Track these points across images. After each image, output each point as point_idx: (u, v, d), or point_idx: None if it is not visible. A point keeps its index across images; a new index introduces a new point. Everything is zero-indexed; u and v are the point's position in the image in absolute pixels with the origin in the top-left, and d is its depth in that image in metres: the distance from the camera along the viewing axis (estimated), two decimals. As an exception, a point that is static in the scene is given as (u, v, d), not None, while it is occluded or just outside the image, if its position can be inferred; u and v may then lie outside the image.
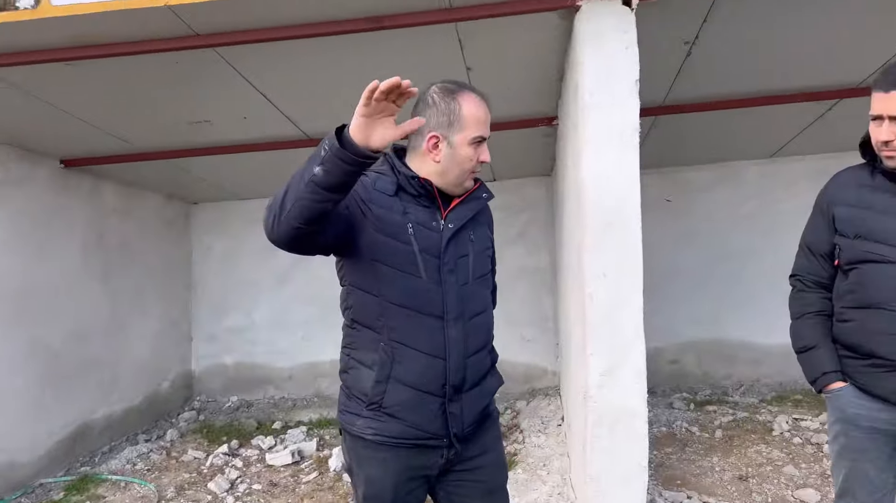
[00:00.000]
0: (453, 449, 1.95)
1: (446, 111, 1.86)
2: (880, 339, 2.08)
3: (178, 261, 7.10)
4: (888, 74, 2.03)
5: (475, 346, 1.97)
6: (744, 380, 6.63)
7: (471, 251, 1.98)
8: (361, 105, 1.52)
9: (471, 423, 1.98)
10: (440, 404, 1.90)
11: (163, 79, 3.83)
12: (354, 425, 1.92)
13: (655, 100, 4.58)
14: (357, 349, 1.94)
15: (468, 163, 1.89)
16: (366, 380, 1.89)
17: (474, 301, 1.98)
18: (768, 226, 6.50)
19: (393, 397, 1.86)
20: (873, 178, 2.17)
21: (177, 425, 6.43)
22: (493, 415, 2.12)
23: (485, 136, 1.90)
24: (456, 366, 1.90)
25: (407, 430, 1.88)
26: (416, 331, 1.86)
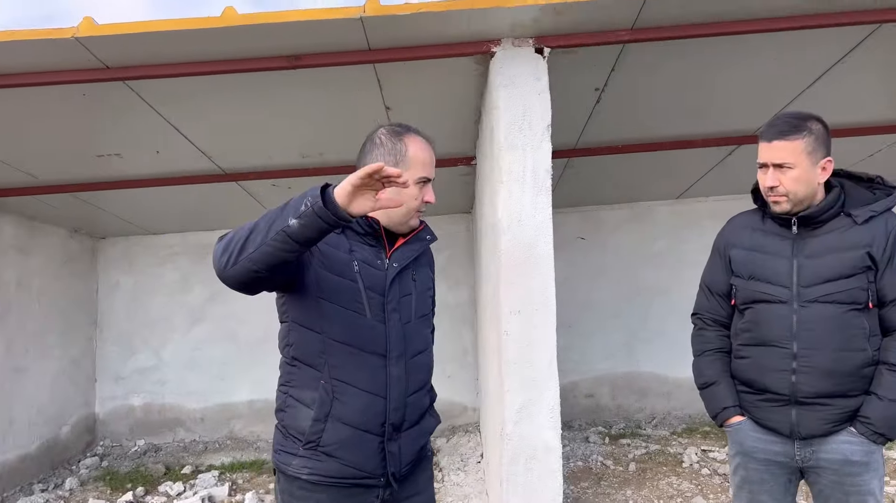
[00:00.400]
0: (388, 489, 1.94)
1: (392, 151, 1.91)
2: (773, 375, 2.20)
3: (82, 297, 6.76)
4: (772, 126, 2.19)
5: (416, 385, 1.99)
6: (656, 413, 6.83)
7: (413, 291, 2.01)
8: (357, 178, 1.53)
9: (408, 463, 1.98)
10: (379, 443, 1.89)
11: (70, 110, 3.70)
12: (290, 465, 1.88)
13: (569, 142, 4.75)
14: (295, 387, 1.91)
15: (413, 202, 1.93)
16: (303, 419, 1.86)
17: (416, 340, 2.00)
18: (676, 263, 6.79)
19: (331, 436, 1.84)
20: (764, 223, 2.32)
21: (77, 473, 6.06)
22: (428, 456, 2.14)
23: (429, 176, 1.96)
24: (396, 404, 1.91)
25: (344, 469, 1.86)
26: (358, 369, 1.86)
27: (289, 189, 5.46)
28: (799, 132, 2.12)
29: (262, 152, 4.62)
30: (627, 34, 3.13)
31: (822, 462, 2.18)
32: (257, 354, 6.98)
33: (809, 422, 2.16)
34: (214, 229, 6.98)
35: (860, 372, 2.13)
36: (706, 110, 4.37)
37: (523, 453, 3.08)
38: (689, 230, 6.77)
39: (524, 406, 3.09)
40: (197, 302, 7.05)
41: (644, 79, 3.80)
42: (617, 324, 6.93)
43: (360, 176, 1.52)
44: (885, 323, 2.15)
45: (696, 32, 3.14)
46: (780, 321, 2.18)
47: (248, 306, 7.01)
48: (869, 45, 3.52)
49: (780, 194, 2.17)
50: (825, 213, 2.18)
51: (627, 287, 6.94)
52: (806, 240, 2.20)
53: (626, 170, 5.74)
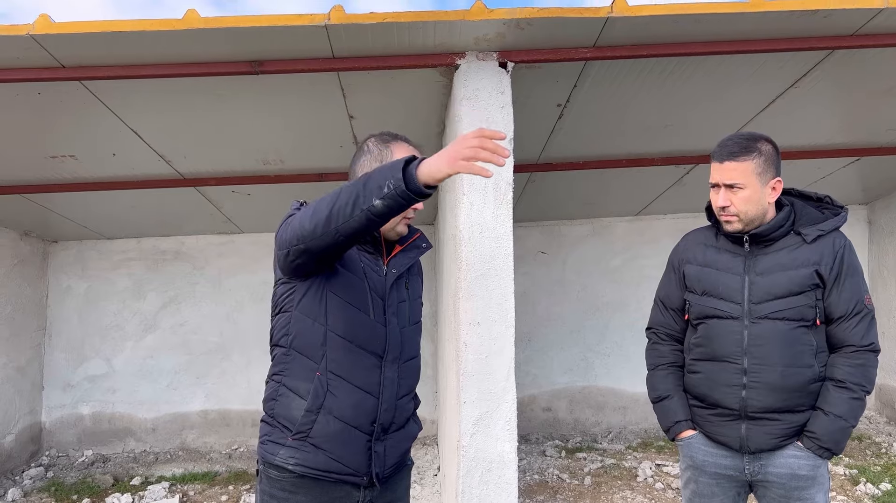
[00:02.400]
0: (369, 493, 1.96)
1: (379, 157, 1.96)
2: (724, 390, 2.24)
3: (31, 302, 6.55)
4: (723, 147, 2.25)
5: (406, 389, 2.04)
6: (612, 428, 6.89)
7: (407, 298, 2.07)
8: (464, 158, 1.48)
9: (392, 465, 2.01)
10: (367, 441, 1.92)
11: (23, 109, 3.61)
12: (277, 455, 1.89)
13: (531, 157, 4.80)
14: (289, 376, 1.92)
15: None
16: (296, 409, 1.88)
17: (410, 345, 2.05)
18: (634, 279, 6.89)
19: (322, 428, 1.87)
20: (717, 239, 2.37)
21: (20, 483, 5.84)
22: (409, 464, 2.17)
23: None
24: (387, 405, 1.95)
25: (330, 463, 1.88)
26: (354, 366, 1.90)
27: (248, 195, 5.40)
28: (749, 153, 2.18)
29: (222, 158, 4.56)
30: (590, 51, 3.18)
31: (770, 476, 2.22)
32: (211, 364, 6.86)
33: (758, 436, 2.20)
34: (171, 235, 6.85)
35: (807, 388, 2.18)
36: (664, 130, 4.46)
37: (479, 465, 3.07)
38: (648, 246, 6.88)
39: (481, 418, 3.09)
40: (150, 309, 6.90)
41: (605, 96, 3.87)
42: (575, 339, 6.99)
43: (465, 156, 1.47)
44: (832, 340, 2.21)
45: (654, 52, 3.21)
46: (732, 337, 2.23)
47: (202, 315, 6.91)
48: (821, 70, 3.64)
49: (731, 214, 2.22)
50: (775, 231, 2.23)
51: (586, 302, 7.01)
52: (757, 257, 2.25)
53: (586, 186, 5.82)
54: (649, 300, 2.63)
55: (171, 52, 3.05)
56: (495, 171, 3.12)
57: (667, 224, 6.86)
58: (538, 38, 3.08)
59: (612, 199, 6.34)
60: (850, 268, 2.20)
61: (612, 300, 6.97)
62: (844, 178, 5.74)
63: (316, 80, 3.42)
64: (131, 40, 2.91)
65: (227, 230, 6.77)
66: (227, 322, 6.88)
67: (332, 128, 4.09)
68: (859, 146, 4.97)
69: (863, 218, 6.86)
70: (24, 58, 3.01)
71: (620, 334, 6.90)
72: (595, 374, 6.97)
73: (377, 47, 3.11)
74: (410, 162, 1.55)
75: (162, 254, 6.93)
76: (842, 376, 2.15)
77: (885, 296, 6.50)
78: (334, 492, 1.92)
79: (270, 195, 5.38)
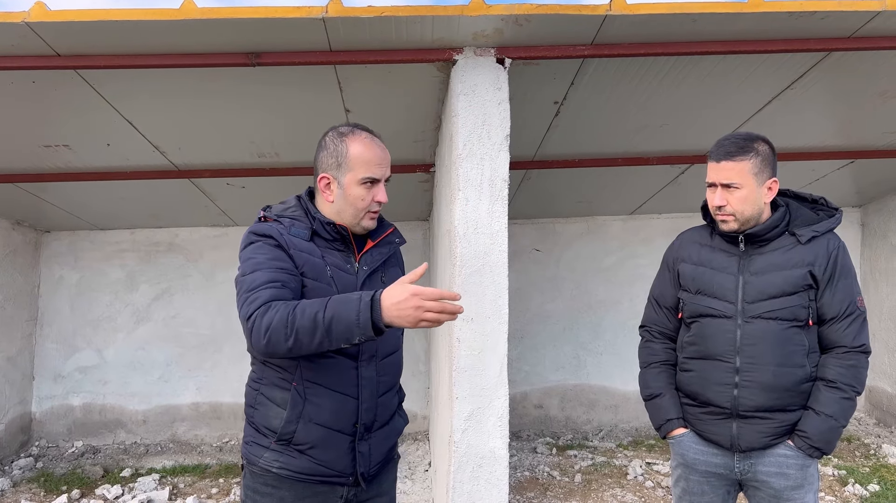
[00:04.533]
0: (353, 489, 1.97)
1: (334, 153, 1.94)
2: (716, 389, 2.25)
3: (23, 292, 6.51)
4: (720, 147, 2.26)
5: (386, 386, 2.03)
6: (603, 426, 6.91)
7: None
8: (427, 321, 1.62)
9: (377, 463, 2.01)
10: (350, 443, 1.92)
11: (17, 98, 3.58)
12: (261, 457, 1.90)
13: (527, 154, 4.79)
14: (266, 385, 1.92)
15: (360, 202, 1.95)
16: (275, 418, 1.88)
17: (387, 341, 2.02)
18: (627, 278, 6.90)
19: (304, 435, 1.87)
20: (712, 239, 2.38)
21: (9, 474, 5.82)
22: (395, 458, 2.17)
23: (375, 176, 1.96)
24: (368, 405, 1.94)
25: (315, 467, 1.88)
26: (330, 371, 1.89)
27: (242, 188, 5.38)
28: (746, 153, 2.19)
29: (217, 150, 4.54)
30: (588, 49, 3.17)
31: (760, 475, 2.23)
32: (203, 357, 6.83)
33: (749, 435, 2.21)
34: (164, 227, 6.83)
35: (799, 387, 2.19)
36: (661, 129, 4.46)
37: (470, 461, 3.07)
38: (642, 246, 6.89)
39: (473, 414, 3.09)
40: (142, 301, 6.87)
41: (602, 94, 3.87)
42: (568, 337, 7.00)
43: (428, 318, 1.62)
44: (824, 340, 2.23)
45: (652, 51, 3.21)
46: (725, 336, 2.24)
47: (195, 308, 6.89)
48: (818, 72, 3.65)
49: (727, 213, 2.23)
50: (770, 231, 2.24)
51: (580, 300, 7.02)
52: (752, 257, 2.26)
53: (582, 184, 5.83)
54: (643, 299, 2.64)
55: (168, 42, 3.03)
56: (491, 168, 3.14)
57: (661, 223, 6.87)
58: (536, 35, 3.08)
59: (608, 197, 6.35)
60: (844, 269, 2.21)
61: (605, 298, 6.99)
62: (839, 180, 5.76)
63: (313, 73, 3.41)
64: (127, 30, 2.90)
65: (221, 223, 6.75)
66: (219, 315, 6.86)
67: (328, 121, 4.02)
68: (854, 148, 4.99)
69: (856, 220, 6.88)
70: (18, 46, 2.98)
71: (613, 333, 6.91)
72: (587, 372, 6.99)
73: (375, 41, 3.09)
74: (371, 306, 1.62)
75: (155, 245, 6.90)
76: (833, 376, 2.17)
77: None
78: (318, 488, 1.92)
79: (265, 188, 5.36)
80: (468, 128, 3.13)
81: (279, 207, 2.01)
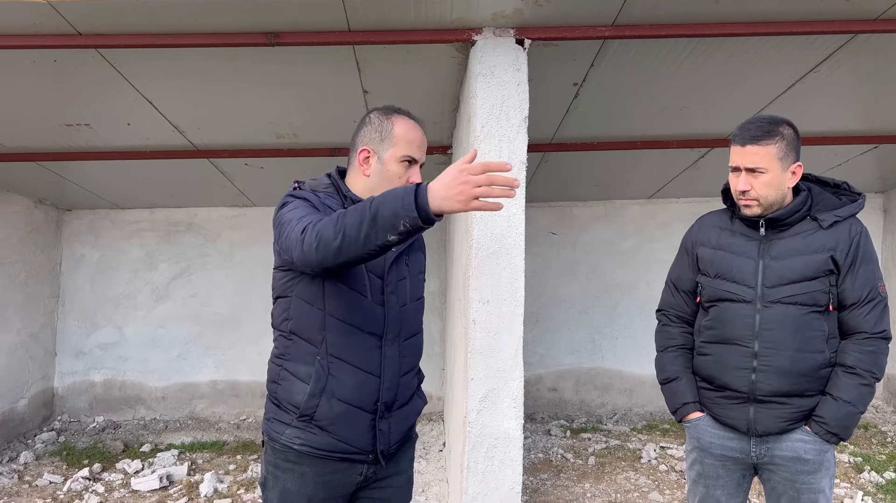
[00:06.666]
0: (373, 467, 2.00)
1: (379, 128, 1.97)
2: (733, 373, 2.25)
3: (45, 270, 6.61)
4: (745, 130, 2.22)
5: (407, 366, 2.05)
6: (617, 409, 6.92)
7: (408, 275, 2.06)
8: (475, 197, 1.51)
9: (396, 441, 2.04)
10: (371, 420, 1.94)
11: (40, 77, 3.61)
12: (283, 434, 1.92)
13: (545, 136, 4.77)
14: (291, 360, 1.95)
15: (396, 180, 1.96)
16: (298, 393, 1.90)
17: (410, 323, 2.06)
18: (644, 262, 6.86)
19: (326, 411, 1.89)
20: (732, 223, 2.36)
21: (33, 447, 5.94)
22: (413, 438, 2.19)
23: (415, 157, 1.98)
24: (390, 384, 1.96)
25: (336, 444, 1.91)
26: (354, 348, 1.91)
27: (261, 169, 5.40)
28: (771, 137, 2.16)
29: (236, 130, 4.56)
30: (608, 30, 3.15)
31: (777, 459, 2.23)
32: (221, 335, 6.91)
33: (766, 419, 2.20)
34: (183, 206, 6.88)
35: (817, 373, 2.18)
36: (681, 112, 4.42)
37: (485, 441, 3.09)
38: (660, 230, 6.84)
39: (487, 395, 3.11)
40: (161, 280, 6.95)
41: (622, 76, 3.83)
42: (583, 321, 7.00)
43: (467, 196, 1.50)
44: (844, 326, 2.21)
45: (674, 32, 3.17)
46: (743, 320, 2.22)
47: (213, 287, 6.95)
48: (843, 55, 3.59)
49: (750, 198, 2.20)
50: (792, 216, 2.22)
51: (596, 284, 7.01)
52: (772, 241, 2.24)
53: (600, 167, 5.79)
54: (659, 283, 2.63)
55: (189, 21, 3.04)
56: (509, 150, 3.13)
57: (679, 208, 6.82)
58: (556, 15, 3.05)
59: (626, 181, 6.31)
60: (866, 254, 2.19)
61: (621, 282, 6.96)
62: (861, 166, 5.68)
63: (332, 54, 3.41)
64: (149, 8, 2.90)
65: (239, 203, 6.79)
66: (237, 294, 6.93)
67: (346, 102, 4.08)
68: (878, 133, 4.91)
69: (878, 206, 6.79)
70: (40, 24, 3.01)
71: (629, 317, 6.89)
72: (602, 356, 6.99)
73: (394, 21, 3.08)
74: (417, 189, 1.56)
75: (174, 225, 6.96)
76: (852, 362, 2.15)
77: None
78: (339, 465, 1.95)
79: (283, 169, 5.39)
80: (486, 109, 3.12)
81: (311, 182, 2.02)
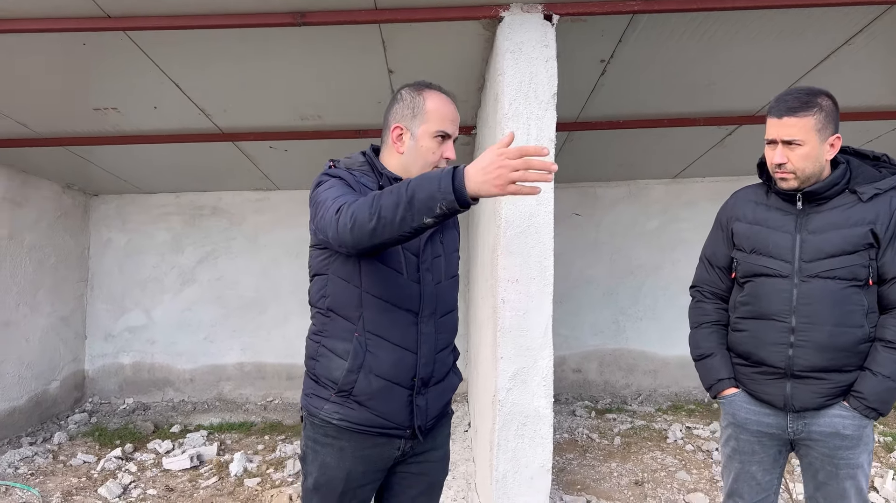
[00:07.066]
0: (410, 442, 2.02)
1: (411, 104, 1.97)
2: (770, 349, 2.23)
3: (73, 254, 6.71)
4: (782, 102, 2.18)
5: (443, 343, 2.07)
6: (642, 390, 6.90)
7: (442, 252, 2.07)
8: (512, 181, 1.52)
9: (433, 417, 2.07)
10: (408, 396, 1.97)
11: (69, 60, 3.64)
12: (322, 409, 1.95)
13: (570, 115, 4.72)
14: (329, 337, 1.97)
15: (430, 156, 1.96)
16: (336, 369, 1.93)
17: (445, 300, 2.07)
18: (669, 242, 6.81)
19: (364, 387, 1.91)
20: (768, 197, 2.32)
21: (66, 428, 6.07)
22: (449, 414, 2.22)
23: (448, 132, 1.97)
24: (426, 360, 1.99)
25: (374, 419, 1.94)
26: (391, 325, 1.93)
27: (285, 152, 5.42)
28: (809, 109, 2.12)
29: (261, 112, 4.57)
30: (637, 4, 3.10)
31: (814, 435, 2.21)
32: (247, 318, 6.98)
33: (803, 395, 2.19)
34: (208, 190, 6.94)
35: (856, 348, 2.15)
36: (709, 89, 4.35)
37: (515, 420, 3.10)
38: (685, 209, 6.79)
39: (517, 373, 3.11)
40: (188, 263, 7.03)
41: (650, 52, 3.77)
42: (607, 301, 6.97)
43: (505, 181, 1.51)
44: (884, 300, 2.18)
45: (706, 6, 3.12)
46: (780, 295, 2.20)
47: (238, 270, 7.01)
48: (876, 28, 3.51)
49: (787, 171, 2.17)
50: (830, 189, 2.19)
51: (620, 265, 6.97)
52: (810, 215, 2.21)
53: (625, 147, 5.73)
54: (684, 263, 2.61)
55: (217, 2, 3.04)
56: (537, 128, 3.10)
57: (705, 187, 6.75)
58: (585, -10, 3.01)
59: (650, 160, 6.24)
60: (907, 227, 2.15)
61: (645, 263, 6.92)
62: (893, 141, 5.57)
63: (357, 33, 3.40)
64: (176, -10, 2.92)
65: (263, 186, 6.83)
66: (262, 277, 6.99)
67: (371, 83, 4.07)
68: (911, 108, 4.81)
69: (910, 183, 6.66)
70: (70, 7, 3.02)
71: (653, 298, 6.86)
72: (626, 337, 6.97)
73: (421, -2, 3.06)
74: (454, 173, 1.55)
75: (199, 209, 7.03)
76: (892, 337, 2.13)
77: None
78: (377, 440, 1.98)
79: (307, 152, 5.40)
80: (514, 87, 3.09)
81: (346, 161, 2.03)
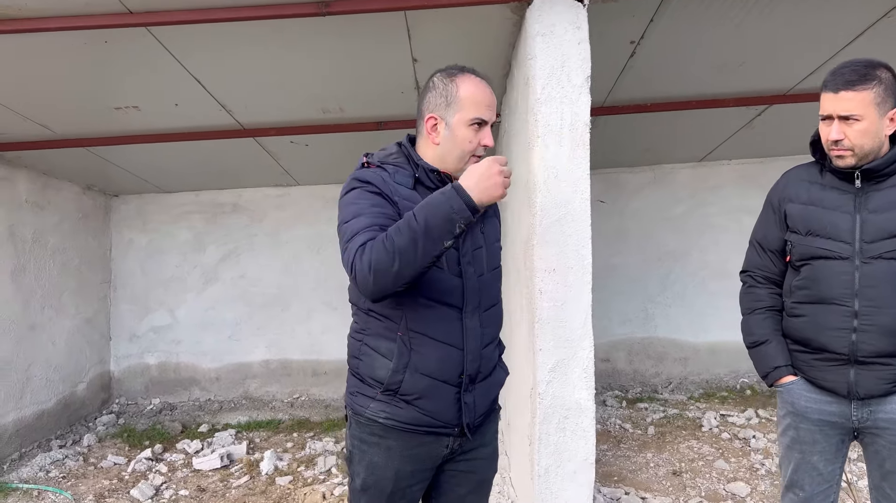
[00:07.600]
0: (459, 440, 1.96)
1: (444, 93, 1.88)
2: (831, 334, 2.13)
3: (96, 256, 6.70)
4: (838, 75, 2.07)
5: (489, 337, 2.00)
6: (672, 378, 6.80)
7: (483, 243, 2.00)
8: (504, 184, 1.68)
9: (482, 413, 2.00)
10: (455, 394, 1.90)
11: (90, 59, 3.59)
12: (367, 408, 1.90)
13: (597, 100, 4.62)
14: (371, 336, 1.91)
15: (467, 145, 1.88)
16: (381, 368, 1.87)
17: (489, 293, 2.00)
18: (697, 228, 6.68)
19: (410, 385, 1.86)
20: (822, 176, 2.22)
21: (94, 430, 6.07)
22: (496, 409, 2.15)
23: (484, 118, 1.89)
24: (473, 356, 1.92)
25: (421, 418, 1.88)
26: (435, 321, 1.87)
27: (306, 146, 5.36)
28: (868, 82, 2.02)
29: (282, 106, 4.50)
30: (673, -19, 3.00)
31: (881, 422, 2.12)
32: (270, 315, 6.95)
33: (868, 381, 2.09)
34: (228, 188, 6.90)
35: (924, 331, 2.05)
36: (740, 67, 4.23)
37: (556, 413, 3.02)
38: (711, 194, 6.65)
39: (557, 365, 3.03)
40: (210, 262, 7.00)
41: (681, 31, 3.67)
42: (635, 289, 6.86)
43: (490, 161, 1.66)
44: (951, 280, 2.07)
45: (744, -20, 3.01)
46: (840, 278, 2.10)
47: (261, 267, 6.98)
48: (919, -2, 3.38)
49: (844, 148, 2.07)
50: (890, 165, 2.09)
51: (647, 252, 6.85)
52: (869, 194, 2.11)
53: (650, 130, 5.62)
54: (713, 249, 2.51)
55: (238, -7, 2.98)
56: (571, 112, 3.01)
57: (732, 170, 6.61)
58: (618, -32, 2.91)
59: (676, 144, 6.12)
60: (975, 203, 2.05)
61: (673, 249, 6.79)
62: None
63: (382, 21, 3.32)
64: (198, -18, 2.85)
65: (283, 182, 6.78)
66: (285, 274, 6.95)
67: (394, 72, 3.99)
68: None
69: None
70: (92, 4, 2.97)
71: (682, 284, 6.74)
72: (655, 325, 6.86)
73: (448, -18, 2.98)
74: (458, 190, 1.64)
75: (220, 206, 6.99)
76: (962, 319, 2.02)
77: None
78: (425, 439, 1.91)
79: (328, 146, 5.34)
80: (547, 70, 3.00)
81: (381, 154, 1.95)
